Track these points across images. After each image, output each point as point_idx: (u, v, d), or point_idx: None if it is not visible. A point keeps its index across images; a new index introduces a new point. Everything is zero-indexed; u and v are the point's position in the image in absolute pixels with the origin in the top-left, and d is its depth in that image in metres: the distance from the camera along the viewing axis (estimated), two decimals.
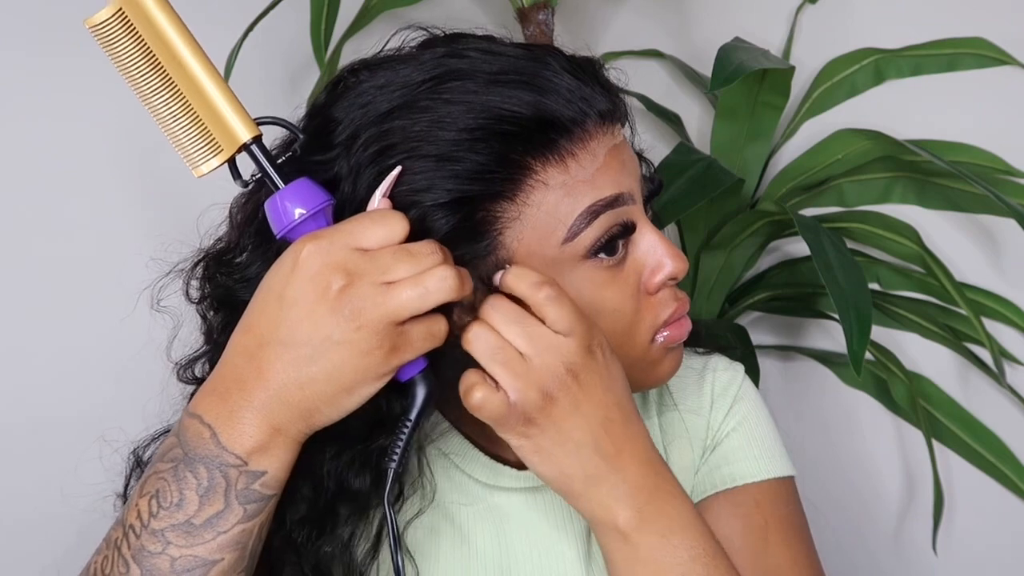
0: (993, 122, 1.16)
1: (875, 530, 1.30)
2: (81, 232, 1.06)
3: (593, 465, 0.53)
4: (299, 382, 0.49)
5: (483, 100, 0.54)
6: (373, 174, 0.54)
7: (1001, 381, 1.15)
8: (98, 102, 1.06)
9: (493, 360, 0.52)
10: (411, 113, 0.55)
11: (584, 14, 1.41)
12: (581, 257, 0.56)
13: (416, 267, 0.49)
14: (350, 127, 0.56)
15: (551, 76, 0.56)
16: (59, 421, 1.06)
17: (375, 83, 0.57)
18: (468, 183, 0.54)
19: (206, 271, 0.60)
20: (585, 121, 0.56)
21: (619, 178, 0.57)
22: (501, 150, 0.54)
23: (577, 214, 0.55)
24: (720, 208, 1.19)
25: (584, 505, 0.54)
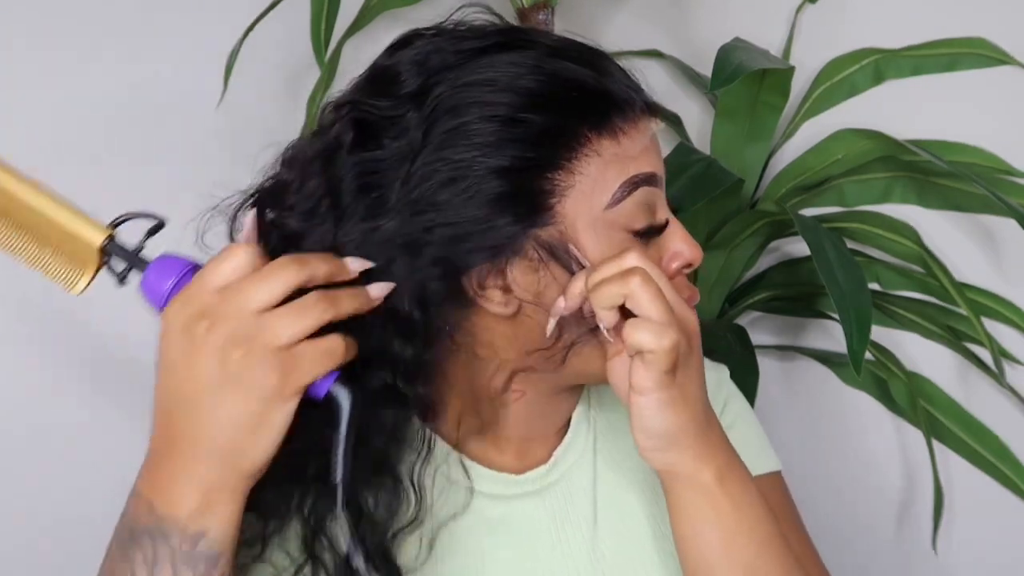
0: (993, 122, 1.16)
1: (875, 530, 1.30)
2: None
3: (697, 423, 0.57)
4: (209, 434, 0.50)
5: (550, 65, 0.58)
6: (446, 128, 0.56)
7: (1001, 381, 1.15)
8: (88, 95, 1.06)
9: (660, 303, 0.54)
10: (481, 70, 0.57)
11: (584, 14, 1.41)
12: (621, 227, 0.58)
13: (272, 288, 0.50)
14: (419, 78, 0.58)
15: (606, 62, 0.60)
16: (59, 423, 1.06)
17: (441, 43, 0.59)
18: (530, 147, 0.56)
19: (256, 209, 0.59)
20: (635, 105, 0.59)
21: (656, 162, 0.61)
22: (563, 115, 0.57)
23: (621, 181, 0.58)
24: (720, 208, 1.19)
25: (677, 458, 0.57)
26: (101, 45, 1.07)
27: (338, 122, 0.59)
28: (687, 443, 0.57)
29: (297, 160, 0.60)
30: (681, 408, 0.56)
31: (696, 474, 0.58)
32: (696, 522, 0.59)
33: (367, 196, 0.57)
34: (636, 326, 0.53)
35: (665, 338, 0.53)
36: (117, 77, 1.08)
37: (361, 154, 0.57)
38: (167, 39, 1.10)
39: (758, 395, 1.09)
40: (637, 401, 0.55)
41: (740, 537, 0.58)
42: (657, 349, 0.53)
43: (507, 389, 0.64)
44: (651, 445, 0.57)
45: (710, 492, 0.58)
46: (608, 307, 0.55)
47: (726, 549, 0.58)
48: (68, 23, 1.05)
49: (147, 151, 1.09)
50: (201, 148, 1.04)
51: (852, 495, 1.32)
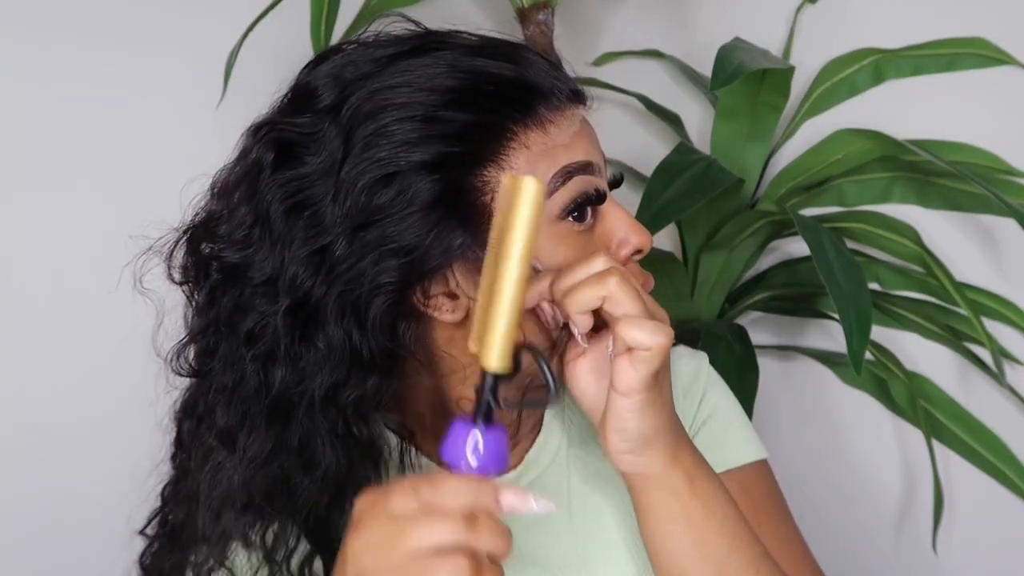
0: (993, 122, 1.16)
1: (875, 530, 1.30)
2: (60, 231, 1.06)
3: (669, 425, 0.57)
4: None
5: (468, 63, 0.57)
6: (366, 133, 0.55)
7: (1001, 381, 1.15)
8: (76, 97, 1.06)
9: (641, 302, 0.53)
10: (397, 75, 0.57)
11: (584, 14, 1.41)
12: (555, 217, 0.58)
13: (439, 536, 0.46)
14: (335, 91, 0.57)
15: (527, 55, 0.60)
16: (60, 423, 1.06)
17: (356, 55, 0.59)
18: (455, 143, 0.55)
19: (190, 245, 0.60)
20: (559, 93, 0.59)
21: (590, 149, 0.60)
22: (485, 111, 0.56)
23: (553, 173, 0.57)
24: (720, 208, 1.19)
25: (648, 461, 0.56)
26: (101, 45, 1.07)
27: (257, 144, 0.58)
28: (660, 445, 0.56)
29: (223, 189, 0.60)
30: (659, 410, 0.56)
31: (666, 476, 0.57)
32: (667, 523, 0.58)
33: (300, 216, 0.56)
34: (631, 324, 0.52)
35: (661, 335, 0.52)
36: (117, 77, 1.08)
37: (284, 173, 0.56)
38: (167, 39, 1.10)
39: (758, 395, 1.09)
40: (619, 403, 0.54)
41: (711, 536, 0.58)
42: (653, 346, 0.52)
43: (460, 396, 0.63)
44: (625, 448, 0.56)
45: (680, 493, 0.57)
46: (584, 311, 0.53)
47: (698, 549, 0.58)
48: (68, 23, 1.05)
49: (147, 151, 1.09)
50: (201, 148, 1.04)
51: (852, 495, 1.32)
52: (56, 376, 1.05)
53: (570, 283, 0.53)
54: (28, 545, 1.04)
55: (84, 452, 1.07)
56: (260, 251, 0.56)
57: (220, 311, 0.57)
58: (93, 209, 1.06)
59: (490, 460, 0.48)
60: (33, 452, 1.05)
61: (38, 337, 1.04)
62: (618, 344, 0.53)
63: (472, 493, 0.46)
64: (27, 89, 1.03)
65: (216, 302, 0.57)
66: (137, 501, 0.67)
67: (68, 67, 1.05)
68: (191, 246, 0.60)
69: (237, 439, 0.58)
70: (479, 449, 0.48)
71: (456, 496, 0.46)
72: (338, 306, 0.55)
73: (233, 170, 0.60)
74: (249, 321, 0.56)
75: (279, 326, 0.56)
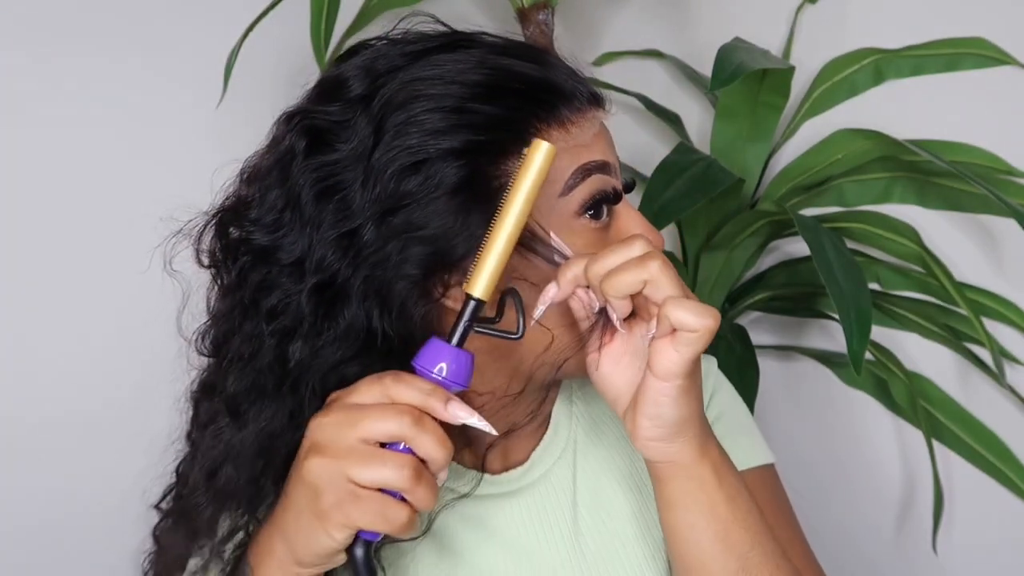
0: (993, 122, 1.15)
1: (875, 530, 1.30)
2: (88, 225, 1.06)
3: (701, 414, 0.58)
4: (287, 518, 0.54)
5: (495, 61, 0.59)
6: (397, 121, 0.56)
7: (1001, 381, 1.14)
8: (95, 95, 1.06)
9: (681, 285, 0.54)
10: (428, 68, 0.58)
11: (584, 14, 1.41)
12: (573, 213, 0.59)
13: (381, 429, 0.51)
14: (366, 82, 0.58)
15: (551, 58, 0.62)
16: (67, 417, 1.06)
17: (387, 50, 0.60)
18: (481, 132, 0.56)
19: (219, 229, 0.61)
20: (581, 96, 0.60)
21: (608, 151, 0.61)
22: (511, 106, 0.57)
23: (573, 170, 0.59)
24: (720, 208, 1.19)
25: (679, 449, 0.57)
26: (101, 45, 1.07)
27: (289, 132, 0.59)
28: (691, 434, 0.57)
29: (254, 174, 0.61)
30: (694, 397, 0.56)
31: (695, 466, 0.57)
32: (692, 515, 0.58)
33: (330, 200, 0.57)
34: (679, 304, 0.52)
35: (708, 317, 0.52)
36: (117, 77, 1.08)
37: (316, 159, 0.57)
38: (167, 39, 1.10)
39: (758, 395, 1.09)
40: (657, 387, 0.54)
41: (734, 529, 0.58)
42: (700, 328, 0.52)
43: None
44: (658, 435, 0.56)
45: (707, 484, 0.57)
46: (623, 295, 0.54)
47: (722, 542, 0.58)
48: (67, 23, 1.05)
49: (146, 151, 1.09)
50: (201, 148, 1.04)
51: (852, 495, 1.32)
52: (71, 364, 1.05)
53: (608, 266, 0.54)
54: (29, 544, 1.05)
55: (101, 435, 1.07)
56: (290, 234, 0.57)
57: (246, 291, 0.59)
58: (93, 208, 1.06)
59: (453, 375, 0.53)
60: (46, 442, 1.05)
61: (41, 332, 1.05)
62: (662, 326, 0.53)
63: (426, 393, 0.52)
64: (27, 89, 1.03)
65: (243, 283, 0.59)
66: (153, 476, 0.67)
67: (68, 67, 1.05)
68: (220, 230, 0.61)
69: (242, 406, 0.59)
70: (446, 365, 0.53)
71: (412, 392, 0.52)
72: (362, 288, 0.56)
73: (264, 157, 0.61)
74: (273, 298, 0.58)
75: (303, 304, 0.57)
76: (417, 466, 0.51)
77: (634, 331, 0.58)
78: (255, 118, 0.64)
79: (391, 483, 0.51)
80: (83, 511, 1.07)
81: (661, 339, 0.54)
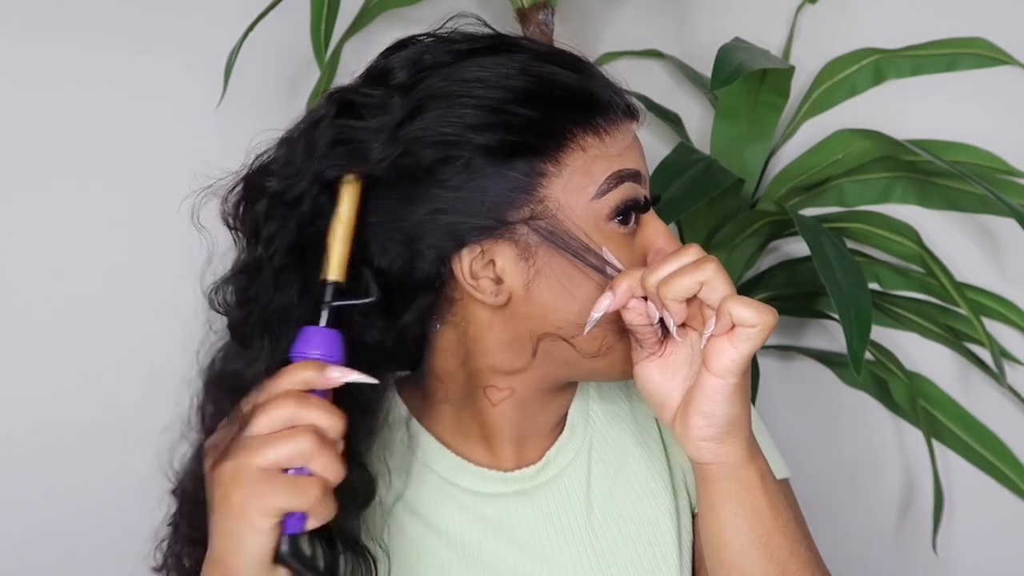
0: (993, 122, 1.15)
1: (875, 530, 1.30)
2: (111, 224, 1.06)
3: (750, 417, 0.59)
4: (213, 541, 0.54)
5: (537, 68, 0.60)
6: (435, 108, 0.58)
7: (1001, 381, 1.14)
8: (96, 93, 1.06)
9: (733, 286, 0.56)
10: (473, 68, 0.59)
11: (584, 14, 1.41)
12: (604, 217, 0.60)
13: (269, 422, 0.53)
14: (410, 72, 0.60)
15: (590, 68, 0.63)
16: (70, 421, 1.06)
17: (433, 46, 0.62)
18: (517, 133, 0.58)
19: (246, 187, 0.62)
20: (617, 107, 0.62)
21: (640, 161, 0.63)
22: (549, 112, 0.59)
23: (608, 175, 0.60)
24: (720, 208, 1.19)
25: (730, 451, 0.58)
26: (101, 44, 1.07)
27: (325, 103, 0.61)
28: (741, 436, 0.58)
29: (285, 140, 0.62)
30: (744, 398, 0.57)
31: (743, 468, 0.59)
32: (737, 517, 0.59)
33: (344, 146, 0.59)
34: (738, 301, 0.54)
35: (767, 313, 0.54)
36: (117, 77, 1.08)
37: (342, 121, 0.59)
38: (167, 39, 1.10)
39: (758, 395, 1.09)
40: (712, 384, 0.56)
41: (776, 534, 0.59)
42: (759, 323, 0.54)
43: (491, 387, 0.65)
44: (710, 434, 0.57)
45: (754, 488, 0.59)
46: (681, 298, 0.55)
47: (764, 547, 0.59)
48: (67, 22, 1.05)
49: (146, 151, 1.09)
50: (201, 148, 1.04)
51: (852, 495, 1.32)
52: (74, 367, 1.05)
53: (665, 273, 0.56)
54: (29, 545, 1.05)
55: (102, 438, 1.07)
56: (302, 180, 0.59)
57: (259, 244, 0.60)
58: (93, 208, 1.06)
59: (327, 351, 0.56)
60: (46, 444, 1.05)
61: (41, 332, 1.05)
62: (722, 322, 0.55)
63: (298, 372, 0.54)
64: (27, 89, 1.03)
65: (259, 231, 0.60)
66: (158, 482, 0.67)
67: (68, 67, 1.05)
68: (247, 188, 0.62)
69: (250, 337, 0.60)
70: (316, 343, 0.56)
71: (286, 380, 0.54)
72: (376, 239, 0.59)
73: (298, 126, 0.62)
74: (287, 237, 0.59)
75: None
76: (314, 436, 0.52)
77: (688, 338, 0.59)
78: (255, 118, 0.64)
79: (292, 457, 0.52)
80: (83, 513, 1.07)
81: (719, 337, 0.55)
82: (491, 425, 0.67)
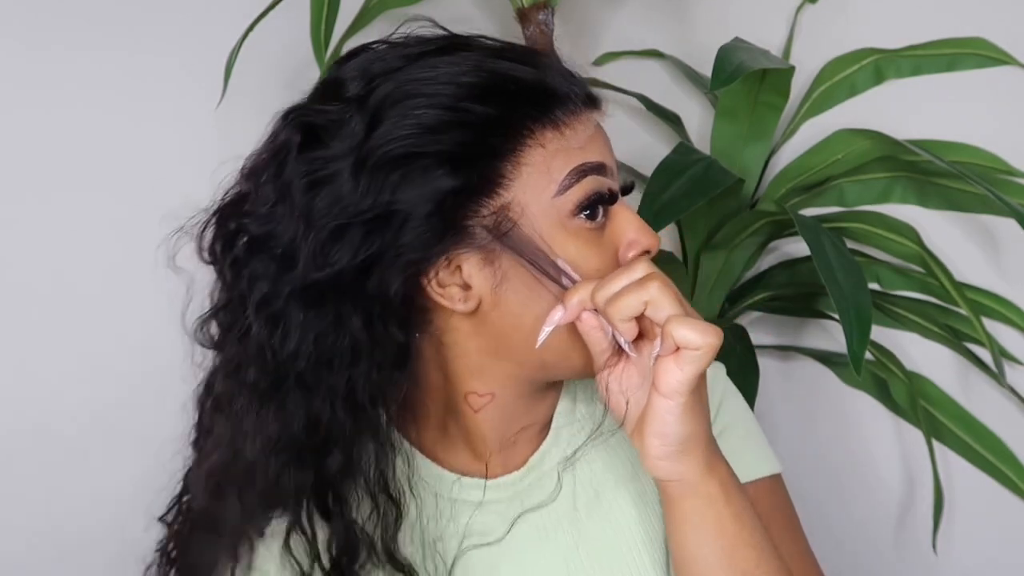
0: (993, 122, 1.15)
1: (875, 530, 1.30)
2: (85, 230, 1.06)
3: (707, 431, 0.58)
4: None
5: (491, 64, 0.60)
6: (390, 116, 0.57)
7: (1001, 381, 1.14)
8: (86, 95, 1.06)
9: (682, 309, 0.54)
10: (425, 69, 0.59)
11: (584, 14, 1.41)
12: (568, 213, 0.59)
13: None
14: (362, 83, 0.59)
15: (546, 60, 0.62)
16: (66, 423, 1.06)
17: (384, 53, 0.61)
18: (475, 133, 0.57)
19: (219, 224, 0.61)
20: (575, 98, 0.61)
21: (603, 152, 0.62)
22: (506, 108, 0.58)
23: (568, 171, 0.59)
24: (720, 208, 1.19)
25: (686, 468, 0.57)
26: (101, 44, 1.07)
27: (285, 127, 0.60)
28: (698, 451, 0.57)
29: (252, 170, 0.62)
30: (700, 414, 0.56)
31: (702, 484, 0.58)
32: (700, 532, 0.58)
33: (320, 191, 0.58)
34: (681, 323, 0.53)
35: (711, 335, 0.53)
36: (117, 77, 1.08)
37: (309, 154, 0.58)
38: (167, 39, 1.10)
39: (758, 395, 1.09)
40: (661, 405, 0.55)
41: (741, 546, 0.58)
42: (703, 345, 0.53)
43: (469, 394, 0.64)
44: (665, 452, 0.56)
45: (715, 501, 0.58)
46: (627, 318, 0.55)
47: (729, 559, 0.58)
48: (67, 23, 1.05)
49: (146, 151, 1.09)
50: (201, 148, 1.04)
51: (852, 495, 1.32)
52: (60, 374, 1.05)
53: (612, 291, 0.55)
54: (30, 546, 1.05)
55: (104, 439, 1.07)
56: (281, 224, 0.58)
57: (241, 282, 0.59)
58: (93, 209, 1.06)
59: None
60: (38, 451, 1.05)
61: (42, 333, 1.05)
62: (666, 344, 0.54)
63: None
64: (26, 90, 1.03)
65: (239, 275, 0.60)
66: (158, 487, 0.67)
67: (68, 67, 1.05)
68: (220, 225, 0.61)
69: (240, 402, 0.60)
70: None
71: None
72: (353, 281, 0.57)
73: (261, 154, 0.62)
74: (264, 287, 0.58)
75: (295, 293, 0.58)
76: None
77: (643, 352, 0.58)
78: (255, 118, 0.64)
79: None
80: (83, 512, 1.07)
81: (665, 357, 0.54)
82: (475, 432, 0.66)
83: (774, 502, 0.70)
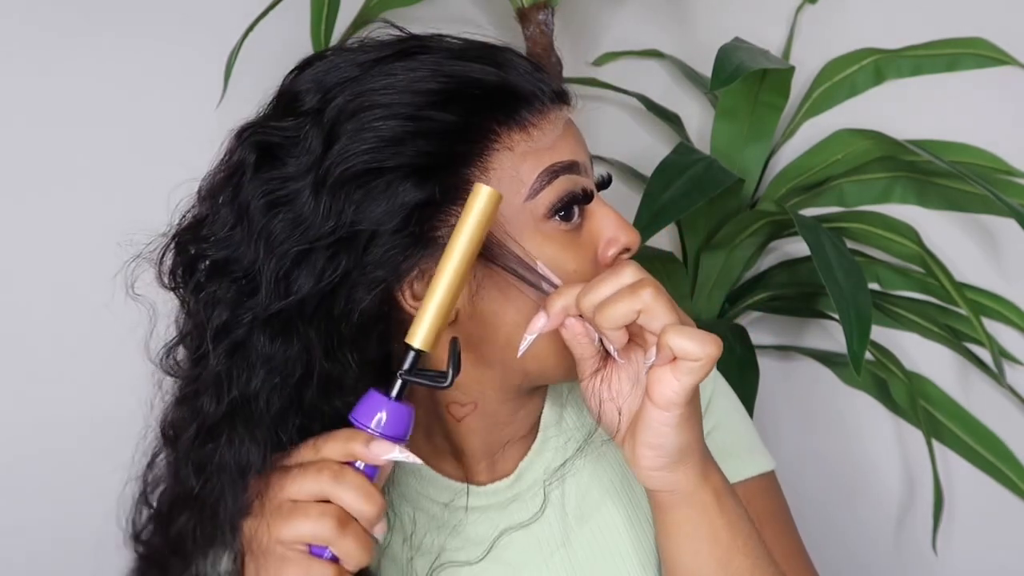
0: (993, 122, 1.15)
1: (875, 530, 1.30)
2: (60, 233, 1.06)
3: (701, 440, 0.57)
4: None
5: (450, 67, 0.57)
6: (348, 130, 0.55)
7: (1001, 381, 1.15)
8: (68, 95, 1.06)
9: (676, 317, 0.52)
10: (380, 77, 0.56)
11: (584, 14, 1.41)
12: (542, 216, 0.57)
13: None
14: (318, 95, 0.57)
15: (510, 57, 0.59)
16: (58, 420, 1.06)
17: (339, 59, 0.59)
18: (438, 142, 0.55)
19: (178, 249, 0.59)
20: (542, 95, 0.58)
21: (576, 149, 0.59)
22: (469, 113, 0.56)
23: (538, 173, 0.57)
24: (720, 208, 1.19)
25: (680, 477, 0.56)
26: (101, 44, 1.07)
27: (240, 147, 0.58)
28: (692, 461, 0.56)
29: (209, 192, 0.59)
30: (694, 424, 0.55)
31: (697, 492, 0.56)
32: (694, 542, 0.57)
33: (279, 213, 0.55)
34: (679, 333, 0.51)
35: (711, 345, 0.51)
36: (117, 77, 1.08)
37: (266, 174, 0.56)
38: (167, 39, 1.10)
39: (758, 395, 1.09)
40: (656, 416, 0.53)
41: (735, 555, 0.57)
42: (703, 356, 0.51)
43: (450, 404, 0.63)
44: (659, 464, 0.55)
45: (709, 511, 0.57)
46: (618, 327, 0.52)
47: (723, 569, 0.57)
48: (67, 22, 1.05)
49: (146, 151, 1.09)
50: (201, 149, 1.04)
51: (852, 495, 1.32)
52: (71, 367, 1.05)
53: (600, 296, 0.52)
54: (30, 546, 1.05)
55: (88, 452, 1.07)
56: (240, 248, 0.56)
57: (202, 308, 0.57)
58: (92, 210, 1.06)
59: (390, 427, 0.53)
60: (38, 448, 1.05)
61: (42, 334, 1.05)
62: (662, 354, 0.51)
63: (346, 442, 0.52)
64: (26, 90, 1.03)
65: (198, 300, 0.57)
66: None
67: (68, 67, 1.05)
68: (179, 249, 0.59)
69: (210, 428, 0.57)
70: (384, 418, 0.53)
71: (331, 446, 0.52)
72: (317, 304, 0.54)
73: (217, 174, 0.59)
74: (223, 314, 0.56)
75: (257, 322, 0.55)
76: (341, 516, 0.51)
77: (631, 358, 0.56)
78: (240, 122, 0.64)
79: (313, 535, 0.51)
80: (83, 513, 1.06)
81: (661, 367, 0.52)
82: (460, 441, 0.65)
83: (767, 501, 0.69)
